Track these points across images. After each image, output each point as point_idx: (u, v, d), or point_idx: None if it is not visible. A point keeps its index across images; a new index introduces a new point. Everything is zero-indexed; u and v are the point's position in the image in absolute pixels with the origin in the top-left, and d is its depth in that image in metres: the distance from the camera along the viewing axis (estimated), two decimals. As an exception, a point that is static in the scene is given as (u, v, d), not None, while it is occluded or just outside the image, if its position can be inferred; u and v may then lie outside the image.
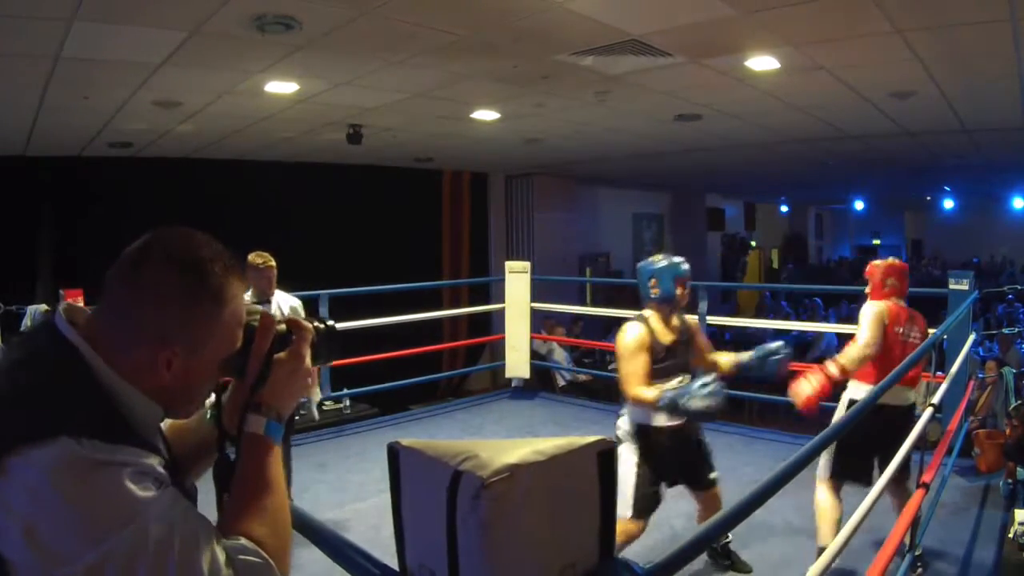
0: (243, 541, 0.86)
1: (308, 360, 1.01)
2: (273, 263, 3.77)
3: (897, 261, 3.50)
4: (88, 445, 0.78)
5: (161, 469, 0.85)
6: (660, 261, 3.04)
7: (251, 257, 3.70)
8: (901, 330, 3.22)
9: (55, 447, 0.77)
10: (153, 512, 0.79)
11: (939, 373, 4.30)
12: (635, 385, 2.84)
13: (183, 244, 0.92)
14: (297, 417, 3.96)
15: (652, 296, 3.00)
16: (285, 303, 3.85)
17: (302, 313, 3.71)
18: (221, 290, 0.92)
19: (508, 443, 0.88)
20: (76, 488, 0.76)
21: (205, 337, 0.92)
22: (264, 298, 3.74)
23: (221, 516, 0.93)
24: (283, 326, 1.02)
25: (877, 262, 3.46)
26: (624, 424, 3.01)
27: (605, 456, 0.92)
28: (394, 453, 0.96)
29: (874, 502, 2.19)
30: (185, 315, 0.90)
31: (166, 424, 1.11)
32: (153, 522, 0.78)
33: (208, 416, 1.08)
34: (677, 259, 3.05)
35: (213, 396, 1.05)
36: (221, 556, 0.82)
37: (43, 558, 0.75)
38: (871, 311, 3.23)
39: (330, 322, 1.11)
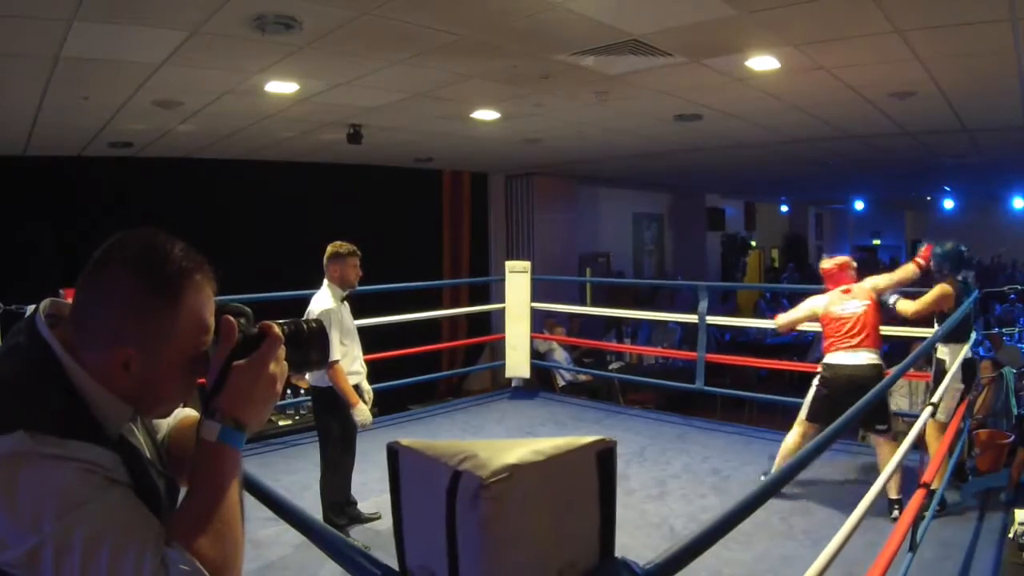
0: (181, 551, 0.83)
1: (276, 367, 0.95)
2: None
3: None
4: (40, 439, 0.80)
5: (117, 466, 0.86)
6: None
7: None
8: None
9: (10, 439, 0.79)
10: (91, 507, 0.79)
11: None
12: None
13: (142, 245, 0.92)
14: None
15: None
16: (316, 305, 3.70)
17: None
18: (175, 290, 0.90)
19: (507, 443, 0.88)
20: (17, 479, 0.78)
21: (160, 338, 0.90)
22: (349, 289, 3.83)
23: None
24: (254, 329, 0.97)
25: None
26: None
27: (604, 456, 0.92)
28: (394, 453, 0.96)
29: (873, 502, 2.19)
30: (138, 316, 0.89)
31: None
32: (89, 517, 0.79)
33: None
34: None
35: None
36: (153, 561, 0.80)
37: None
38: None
39: (315, 323, 1.05)
